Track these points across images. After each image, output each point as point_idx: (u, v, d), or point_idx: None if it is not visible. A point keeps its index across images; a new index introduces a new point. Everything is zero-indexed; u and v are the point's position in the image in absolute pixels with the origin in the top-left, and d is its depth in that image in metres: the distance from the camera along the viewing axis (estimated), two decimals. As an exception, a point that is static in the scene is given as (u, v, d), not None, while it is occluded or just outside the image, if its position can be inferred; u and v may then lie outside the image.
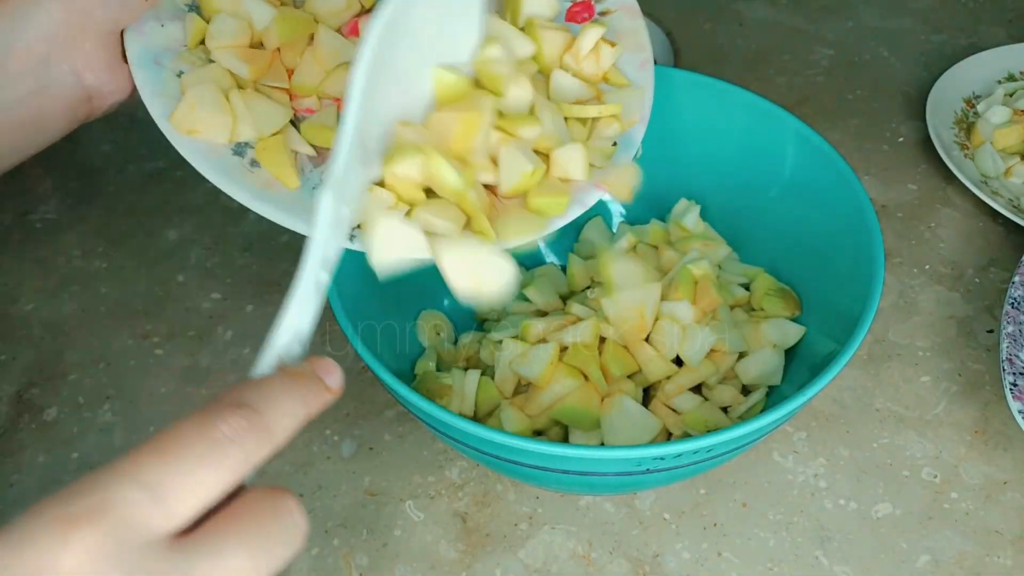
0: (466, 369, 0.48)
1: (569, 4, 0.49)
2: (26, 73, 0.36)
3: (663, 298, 0.47)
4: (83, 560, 0.21)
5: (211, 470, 0.23)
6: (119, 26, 0.39)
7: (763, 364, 0.48)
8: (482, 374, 0.47)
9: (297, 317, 0.29)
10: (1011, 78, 0.72)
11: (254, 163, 0.40)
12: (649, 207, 0.55)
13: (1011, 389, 0.47)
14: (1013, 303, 0.51)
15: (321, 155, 0.42)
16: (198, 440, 0.23)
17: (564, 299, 0.53)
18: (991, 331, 0.56)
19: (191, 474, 0.23)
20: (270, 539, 0.24)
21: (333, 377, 0.28)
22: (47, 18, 0.36)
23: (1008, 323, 0.50)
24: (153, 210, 0.65)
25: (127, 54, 0.39)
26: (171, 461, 0.23)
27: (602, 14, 0.50)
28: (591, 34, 0.46)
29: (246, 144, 0.40)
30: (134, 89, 0.40)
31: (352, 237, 0.38)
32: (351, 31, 0.44)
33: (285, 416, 0.26)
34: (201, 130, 0.38)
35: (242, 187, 0.38)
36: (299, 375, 0.27)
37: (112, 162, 0.69)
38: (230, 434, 0.24)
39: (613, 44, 0.47)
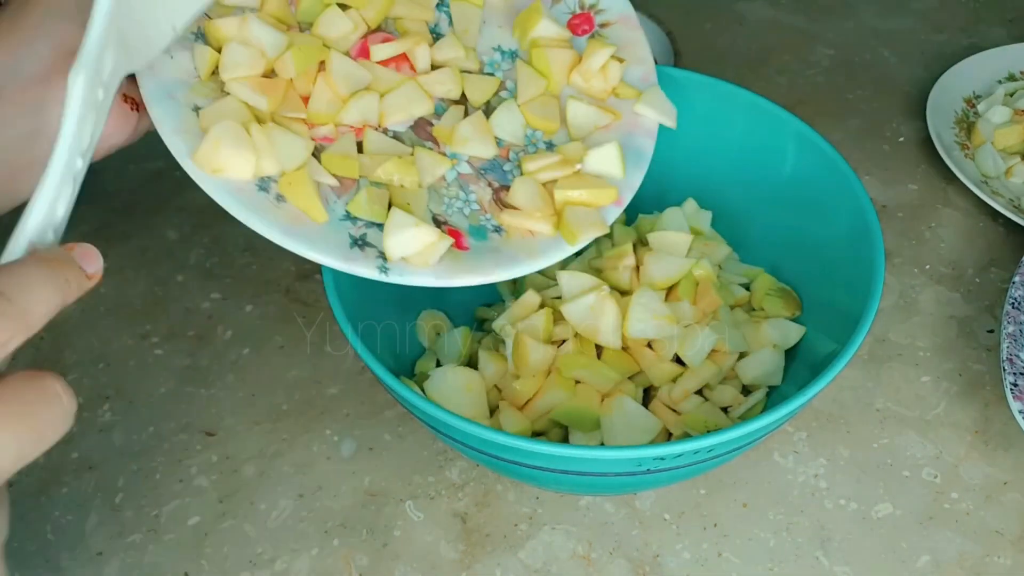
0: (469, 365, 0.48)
1: (569, 16, 0.50)
2: (19, 116, 0.35)
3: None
4: None
5: None
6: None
7: (763, 364, 0.48)
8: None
9: (49, 203, 0.28)
10: (1011, 78, 0.72)
11: (279, 198, 0.39)
12: (649, 207, 0.55)
13: (1011, 389, 0.47)
14: (1013, 303, 0.51)
15: (344, 185, 0.42)
16: None
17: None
18: (991, 331, 0.56)
19: None
20: (35, 419, 0.24)
21: (92, 263, 0.27)
22: (38, 61, 0.35)
23: (1008, 323, 0.50)
24: (153, 210, 0.65)
25: (142, 91, 0.38)
26: None
27: (602, 26, 0.50)
28: (600, 54, 0.46)
29: (269, 179, 0.39)
30: (133, 132, 0.39)
31: (386, 270, 0.39)
32: (360, 53, 0.44)
33: (40, 302, 0.25)
34: (226, 168, 0.38)
35: (271, 224, 0.38)
36: (54, 260, 0.26)
37: (112, 162, 0.68)
38: None
39: (621, 60, 0.47)
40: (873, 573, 0.46)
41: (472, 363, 0.50)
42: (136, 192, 0.66)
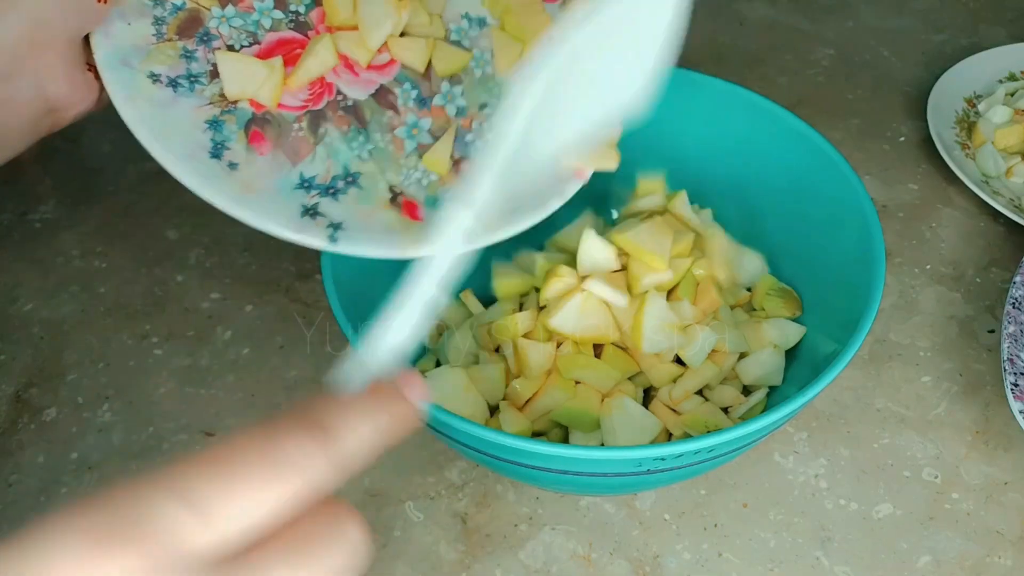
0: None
1: None
2: None
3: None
4: None
5: (264, 493, 0.21)
6: (80, 34, 0.38)
7: (764, 364, 0.48)
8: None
9: (400, 332, 0.27)
10: (1012, 77, 0.72)
11: (232, 165, 0.39)
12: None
13: (1012, 389, 0.47)
14: (1014, 303, 0.51)
15: (301, 152, 0.41)
16: (262, 459, 0.21)
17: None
18: (992, 331, 0.56)
19: (242, 495, 0.21)
20: (318, 559, 0.22)
21: (414, 390, 0.26)
22: (7, 32, 0.35)
23: (1009, 323, 0.50)
24: (152, 210, 0.65)
25: (95, 57, 0.38)
26: (223, 478, 0.21)
27: None
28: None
29: (223, 144, 0.39)
30: (99, 99, 0.39)
31: (335, 239, 0.38)
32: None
33: (359, 441, 0.23)
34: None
35: (220, 191, 0.37)
36: (380, 392, 0.25)
37: (112, 162, 0.69)
38: (295, 456, 0.22)
39: None
40: (873, 573, 0.46)
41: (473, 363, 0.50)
42: (136, 192, 0.66)
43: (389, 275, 0.50)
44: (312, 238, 0.38)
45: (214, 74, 0.41)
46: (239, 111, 0.41)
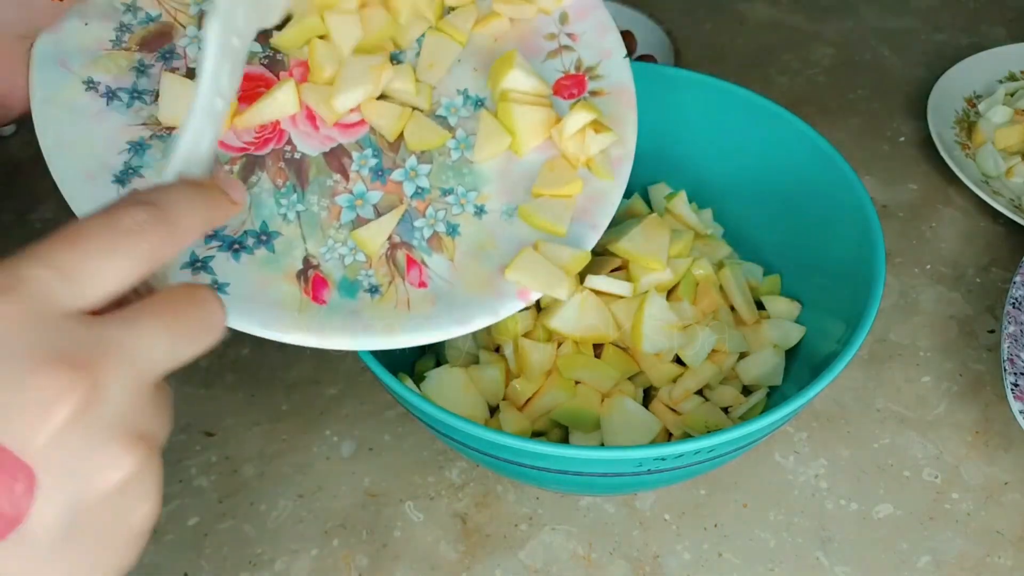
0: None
1: (560, 75, 0.45)
2: None
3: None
4: None
5: (117, 257, 0.24)
6: (29, 32, 0.37)
7: (764, 364, 0.48)
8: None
9: (194, 137, 0.29)
10: (1012, 78, 0.72)
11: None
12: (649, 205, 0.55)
13: (1012, 389, 0.47)
14: (1014, 303, 0.51)
15: None
16: (104, 230, 0.24)
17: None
18: (992, 331, 0.56)
19: (98, 259, 0.23)
20: (189, 320, 0.25)
21: (236, 191, 0.29)
22: None
23: (1009, 323, 0.50)
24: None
25: (34, 48, 0.37)
26: (79, 247, 0.23)
27: (593, 94, 0.45)
28: (579, 117, 0.41)
29: (134, 170, 0.38)
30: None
31: None
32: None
33: (189, 215, 0.26)
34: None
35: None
36: (201, 184, 0.28)
37: (112, 162, 0.69)
38: (134, 226, 0.24)
39: (608, 130, 0.42)
40: (873, 573, 0.45)
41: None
42: (136, 192, 0.66)
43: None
44: None
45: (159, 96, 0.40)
46: (172, 139, 0.39)
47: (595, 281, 0.45)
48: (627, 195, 0.46)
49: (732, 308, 0.50)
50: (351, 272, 0.39)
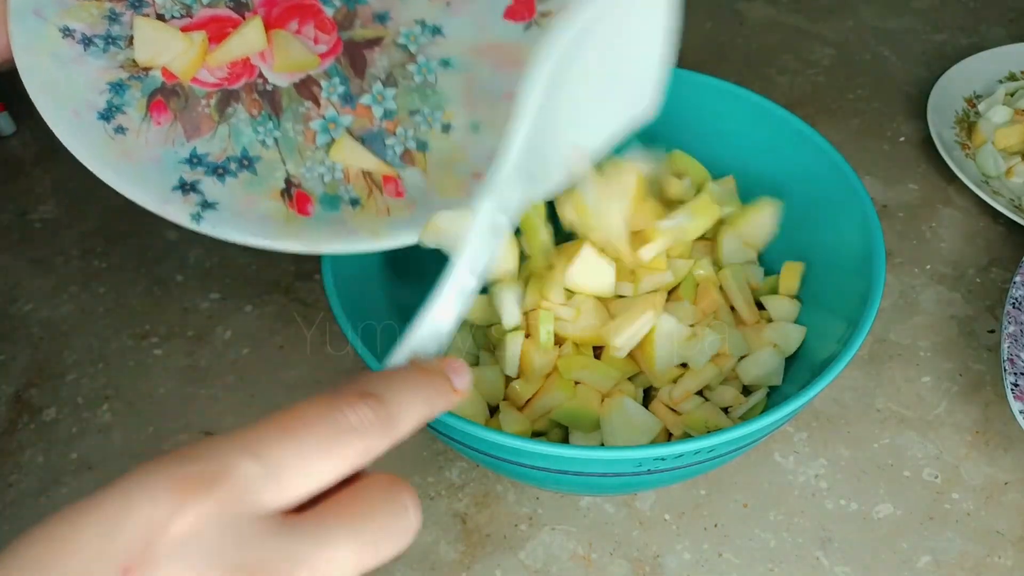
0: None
1: (509, 4, 0.48)
2: None
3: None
4: (194, 526, 0.21)
5: (330, 456, 0.23)
6: None
7: (764, 365, 0.48)
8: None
9: (438, 317, 0.29)
10: (1012, 77, 0.72)
11: (119, 130, 0.40)
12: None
13: (1012, 389, 0.47)
14: (1014, 303, 0.51)
15: (202, 128, 0.42)
16: (322, 424, 0.23)
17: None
18: (992, 331, 0.56)
19: (310, 457, 0.23)
20: (379, 531, 0.24)
21: (461, 378, 0.28)
22: None
23: (1009, 323, 0.50)
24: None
25: (8, 2, 0.38)
26: (292, 440, 0.23)
27: (543, 15, 0.48)
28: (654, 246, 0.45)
29: (118, 108, 0.40)
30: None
31: (199, 218, 0.39)
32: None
33: (411, 414, 0.25)
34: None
35: (97, 155, 0.39)
36: (429, 371, 0.27)
37: (111, 162, 0.69)
38: (355, 423, 0.23)
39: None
40: (874, 574, 0.45)
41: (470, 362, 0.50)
42: (136, 192, 0.66)
43: (389, 275, 0.51)
44: (175, 213, 0.39)
45: (132, 40, 0.41)
46: (148, 79, 0.41)
47: (664, 355, 0.45)
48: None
49: (732, 308, 0.50)
50: (331, 188, 0.42)
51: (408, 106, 0.45)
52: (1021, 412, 0.46)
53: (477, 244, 0.30)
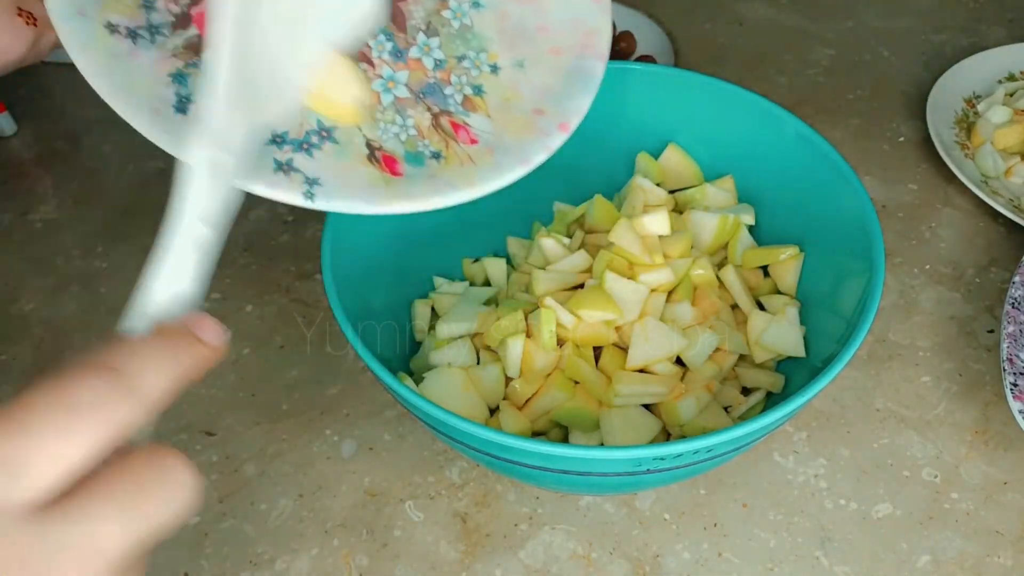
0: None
1: None
2: None
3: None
4: None
5: (69, 438, 0.22)
6: None
7: (783, 335, 0.48)
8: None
9: (173, 275, 0.27)
10: (1011, 78, 0.72)
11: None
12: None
13: (1011, 389, 0.47)
14: (1013, 303, 0.51)
15: None
16: (54, 407, 0.22)
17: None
18: (991, 331, 0.56)
19: (48, 444, 0.21)
20: (146, 499, 0.23)
21: (208, 331, 0.27)
22: None
23: (1008, 323, 0.50)
24: (153, 210, 0.64)
25: (47, 6, 0.37)
26: (21, 432, 0.21)
27: None
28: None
29: (187, 98, 0.39)
30: (30, 48, 0.38)
31: (312, 196, 0.38)
32: None
33: (154, 375, 0.24)
34: None
35: (177, 141, 0.37)
36: (168, 332, 0.26)
37: (112, 162, 0.69)
38: (89, 398, 0.22)
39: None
40: (873, 573, 0.46)
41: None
42: (136, 192, 0.66)
43: (389, 276, 0.51)
44: (287, 194, 0.38)
45: (176, 25, 0.40)
46: (204, 63, 0.39)
47: (587, 314, 0.46)
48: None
49: (732, 307, 0.51)
50: (410, 145, 0.42)
51: (454, 52, 0.45)
52: (1020, 412, 0.46)
53: (199, 188, 0.27)
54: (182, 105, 0.38)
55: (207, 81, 0.28)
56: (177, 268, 0.27)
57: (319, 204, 0.38)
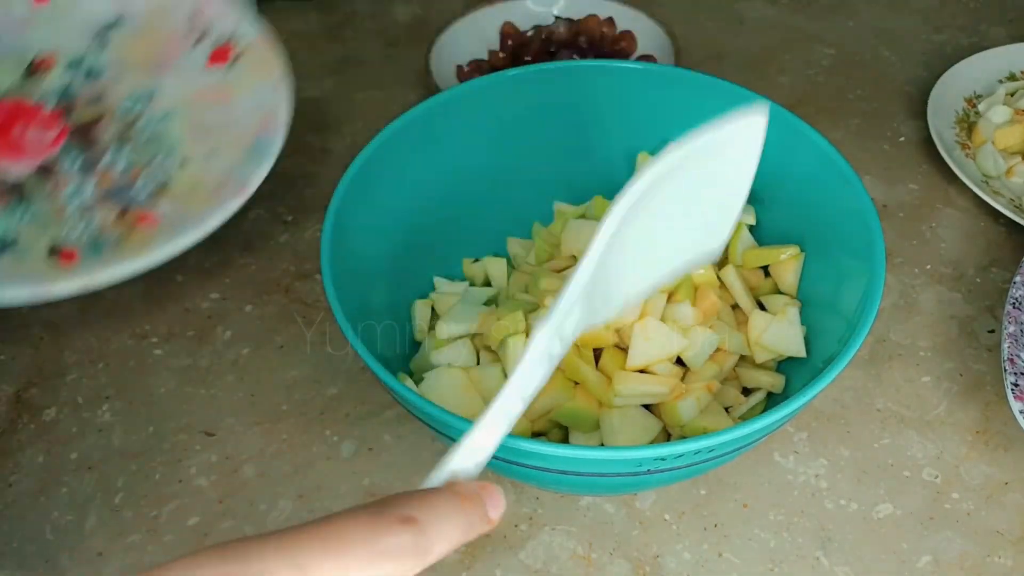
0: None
1: (208, 54, 0.57)
2: None
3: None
4: None
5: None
6: None
7: (783, 334, 0.48)
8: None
9: (481, 439, 0.29)
10: (1012, 77, 0.72)
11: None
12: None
13: (1012, 389, 0.47)
14: (1014, 303, 0.51)
15: None
16: (362, 545, 0.23)
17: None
18: (992, 331, 0.56)
19: (347, 573, 0.23)
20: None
21: (497, 508, 0.28)
22: None
23: (1009, 323, 0.50)
24: (153, 210, 0.65)
25: None
26: (333, 557, 0.23)
27: (238, 56, 0.56)
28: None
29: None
30: None
31: None
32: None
33: (446, 539, 0.25)
34: None
35: None
36: (468, 498, 0.27)
37: (112, 162, 0.69)
38: (393, 548, 0.24)
39: None
40: (874, 574, 0.45)
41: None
42: (136, 192, 0.66)
43: (389, 276, 0.51)
44: None
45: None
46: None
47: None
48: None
49: (733, 308, 0.50)
50: (92, 238, 0.48)
51: (145, 156, 0.53)
52: (1021, 412, 0.46)
53: (530, 370, 0.30)
54: None
55: (573, 278, 0.31)
56: (487, 434, 0.29)
57: None
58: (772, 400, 0.48)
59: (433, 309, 0.52)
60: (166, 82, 0.57)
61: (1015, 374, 0.47)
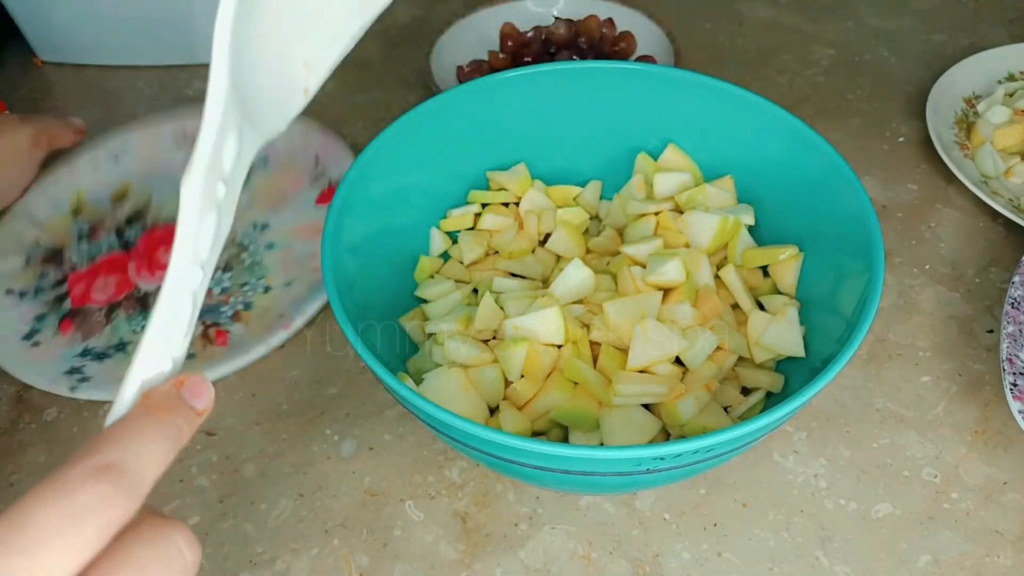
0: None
1: (320, 192, 0.63)
2: None
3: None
4: None
5: (74, 546, 0.21)
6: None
7: (782, 334, 0.48)
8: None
9: (166, 330, 0.25)
10: (1011, 78, 0.72)
11: (36, 344, 0.55)
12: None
13: (1011, 389, 0.47)
14: (1013, 303, 0.51)
15: (91, 328, 0.57)
16: (54, 515, 0.21)
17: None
18: (991, 331, 0.56)
19: (48, 554, 0.21)
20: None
21: (201, 397, 0.25)
22: None
23: (1008, 323, 0.50)
24: (153, 210, 0.65)
25: None
26: (24, 545, 0.21)
27: None
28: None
29: (37, 331, 0.56)
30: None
31: (74, 388, 0.53)
32: None
33: (153, 463, 0.24)
34: None
35: (13, 359, 0.54)
36: (163, 407, 0.25)
37: (112, 162, 0.69)
38: (94, 503, 0.22)
39: None
40: (873, 573, 0.46)
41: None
42: (136, 192, 0.66)
43: (389, 276, 0.51)
44: (59, 388, 0.52)
45: (55, 285, 0.59)
46: (62, 308, 0.57)
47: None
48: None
49: (732, 308, 0.51)
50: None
51: (239, 281, 0.59)
52: (1020, 412, 0.46)
53: (192, 225, 0.24)
54: (30, 336, 0.56)
55: (206, 110, 0.25)
56: (170, 320, 0.25)
57: (79, 394, 0.51)
58: (771, 400, 0.48)
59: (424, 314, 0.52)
60: (280, 216, 0.63)
61: (1014, 374, 0.47)
